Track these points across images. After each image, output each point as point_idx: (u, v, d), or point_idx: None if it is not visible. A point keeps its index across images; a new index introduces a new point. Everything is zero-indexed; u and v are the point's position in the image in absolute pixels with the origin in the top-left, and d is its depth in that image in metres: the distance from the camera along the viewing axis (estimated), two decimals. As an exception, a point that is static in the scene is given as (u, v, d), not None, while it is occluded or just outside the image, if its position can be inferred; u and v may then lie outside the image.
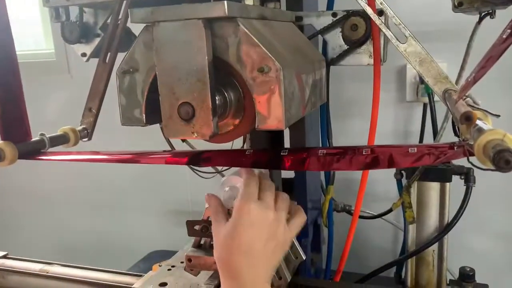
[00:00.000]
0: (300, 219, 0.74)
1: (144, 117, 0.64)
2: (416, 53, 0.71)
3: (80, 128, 0.95)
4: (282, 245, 0.70)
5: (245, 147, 0.93)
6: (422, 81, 1.37)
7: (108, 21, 0.98)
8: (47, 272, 1.01)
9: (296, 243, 0.81)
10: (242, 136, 0.94)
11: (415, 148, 0.60)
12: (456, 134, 0.78)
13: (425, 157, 0.58)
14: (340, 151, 0.62)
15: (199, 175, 1.05)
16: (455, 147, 0.59)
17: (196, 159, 0.70)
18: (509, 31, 0.46)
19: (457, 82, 0.85)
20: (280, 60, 0.57)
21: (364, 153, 0.61)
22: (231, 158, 0.68)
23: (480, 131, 0.51)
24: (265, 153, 0.67)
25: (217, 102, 0.60)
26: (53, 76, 1.93)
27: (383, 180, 1.41)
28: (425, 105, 1.38)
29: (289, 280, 0.76)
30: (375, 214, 1.31)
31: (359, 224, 1.32)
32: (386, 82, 1.42)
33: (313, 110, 0.73)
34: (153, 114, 0.65)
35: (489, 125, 0.53)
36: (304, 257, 0.81)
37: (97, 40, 1.05)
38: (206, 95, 0.57)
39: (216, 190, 0.77)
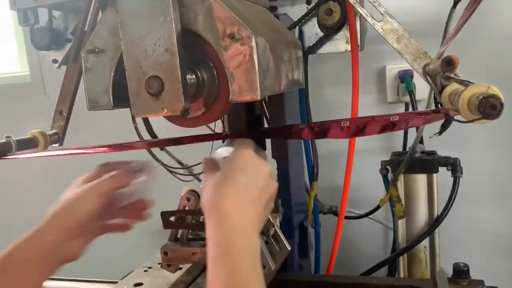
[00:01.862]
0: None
1: (111, 100, 0.61)
2: (393, 30, 0.69)
3: (50, 132, 0.91)
4: (271, 202, 0.65)
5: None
6: (402, 80, 1.36)
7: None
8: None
9: (281, 234, 0.77)
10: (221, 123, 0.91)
11: (397, 116, 0.58)
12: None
13: (407, 122, 0.56)
14: (322, 124, 0.59)
15: (178, 178, 1.01)
16: (437, 112, 0.57)
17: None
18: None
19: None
20: (252, 28, 0.55)
21: (343, 125, 0.59)
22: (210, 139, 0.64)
23: (464, 90, 0.49)
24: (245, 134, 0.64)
25: (189, 80, 0.57)
26: (28, 98, 1.89)
27: (369, 180, 1.38)
28: (407, 105, 1.37)
29: (273, 269, 0.71)
30: (362, 213, 1.28)
31: (347, 226, 1.30)
32: (366, 84, 1.41)
33: (290, 89, 0.70)
34: (122, 98, 0.61)
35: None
36: (289, 248, 0.77)
37: (68, 46, 1.02)
38: (175, 67, 0.54)
39: None
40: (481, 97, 0.44)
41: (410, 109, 1.33)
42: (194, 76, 0.59)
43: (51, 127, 0.92)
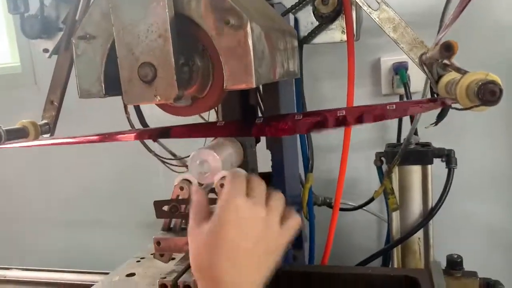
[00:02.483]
0: (294, 220, 0.62)
1: (103, 88, 0.60)
2: (390, 19, 0.68)
3: (41, 122, 0.90)
4: (275, 251, 0.59)
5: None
6: (396, 72, 1.35)
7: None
8: (4, 277, 0.94)
9: None
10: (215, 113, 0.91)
11: (394, 105, 0.57)
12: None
13: (404, 111, 0.55)
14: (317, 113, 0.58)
15: (171, 169, 1.00)
16: (434, 101, 0.56)
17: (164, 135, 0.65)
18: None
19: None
20: (248, 14, 0.54)
21: (338, 114, 0.58)
22: (202, 129, 0.63)
23: (462, 77, 0.49)
24: (237, 123, 0.62)
25: (182, 67, 0.56)
26: (19, 89, 1.87)
27: (363, 172, 1.38)
28: (401, 97, 1.36)
29: None
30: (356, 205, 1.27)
31: (342, 218, 1.29)
32: (361, 76, 1.40)
33: (285, 78, 0.69)
34: (114, 86, 0.60)
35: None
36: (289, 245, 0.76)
37: (59, 35, 0.99)
38: (168, 53, 0.53)
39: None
40: (480, 83, 0.43)
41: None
42: (188, 63, 0.58)
43: (42, 117, 0.90)
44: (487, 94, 0.42)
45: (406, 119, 1.32)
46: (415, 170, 1.07)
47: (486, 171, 1.35)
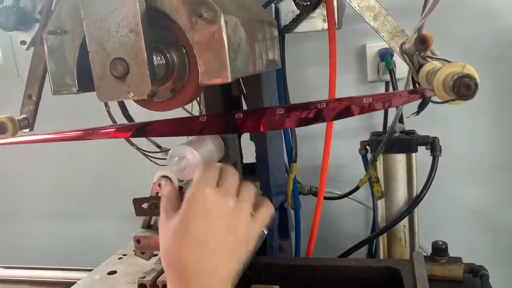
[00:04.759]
0: (267, 210, 0.61)
1: (76, 83, 0.58)
2: (370, 7, 0.67)
3: (20, 117, 0.88)
4: (245, 242, 0.57)
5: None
6: (382, 58, 1.34)
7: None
8: (-13, 276, 0.93)
9: None
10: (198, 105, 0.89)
11: (370, 98, 0.56)
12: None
13: (383, 103, 0.54)
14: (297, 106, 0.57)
15: (154, 162, 0.99)
16: (414, 93, 0.55)
17: (141, 131, 0.63)
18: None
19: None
20: (222, 6, 0.52)
21: (320, 107, 0.57)
22: (180, 125, 0.61)
23: (438, 70, 0.48)
24: (219, 118, 0.61)
25: (156, 62, 0.55)
26: (1, 81, 1.83)
27: (349, 160, 1.38)
28: (387, 84, 1.35)
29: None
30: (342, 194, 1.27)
31: (328, 207, 1.29)
32: (347, 63, 1.40)
33: (265, 70, 0.68)
34: (87, 81, 0.58)
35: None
36: (266, 232, 0.75)
37: (36, 26, 0.97)
38: (140, 48, 0.52)
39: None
40: (456, 77, 0.42)
41: (391, 88, 1.32)
42: (162, 58, 0.56)
43: (20, 112, 0.88)
44: (462, 88, 0.41)
45: (391, 115, 1.31)
46: (400, 159, 1.07)
47: (471, 157, 1.36)
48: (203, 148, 0.71)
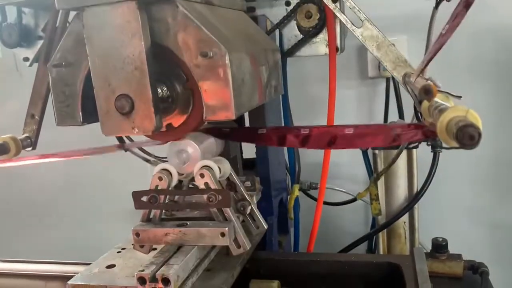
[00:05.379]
0: None
1: (80, 116, 0.58)
2: (373, 37, 0.67)
3: (22, 136, 0.87)
4: None
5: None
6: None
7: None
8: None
9: (258, 213, 0.76)
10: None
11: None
12: (418, 120, 0.75)
13: (380, 137, 0.55)
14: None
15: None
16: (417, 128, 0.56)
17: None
18: (447, 26, 0.48)
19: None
20: (226, 44, 0.52)
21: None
22: None
23: (442, 110, 0.48)
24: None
25: (161, 94, 0.55)
26: (1, 75, 1.82)
27: (348, 157, 1.38)
28: (388, 80, 1.34)
29: (248, 248, 0.69)
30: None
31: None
32: (347, 59, 1.37)
33: (269, 100, 0.68)
34: (91, 113, 0.59)
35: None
36: (265, 227, 0.76)
37: (39, 43, 0.97)
38: (145, 85, 0.52)
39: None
40: (460, 124, 0.42)
41: (391, 84, 1.31)
42: (167, 89, 0.56)
43: (23, 131, 0.87)
44: (466, 138, 0.41)
45: (392, 102, 1.32)
46: (401, 155, 1.07)
47: (471, 153, 1.35)
48: (204, 142, 0.70)
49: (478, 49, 1.27)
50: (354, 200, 1.22)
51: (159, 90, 0.55)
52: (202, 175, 0.67)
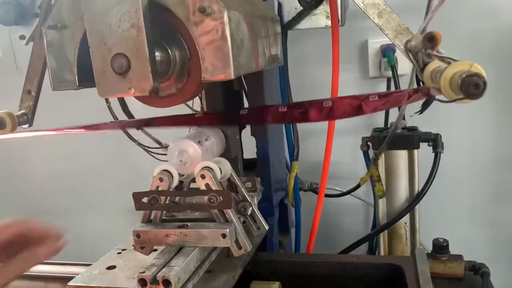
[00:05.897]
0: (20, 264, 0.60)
1: (76, 79, 0.57)
2: (374, 4, 0.66)
3: (18, 113, 0.87)
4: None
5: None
6: (384, 54, 1.33)
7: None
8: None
9: (258, 214, 0.75)
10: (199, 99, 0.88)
11: (376, 96, 0.55)
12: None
13: (387, 102, 0.53)
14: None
15: (155, 158, 0.98)
16: (418, 91, 0.54)
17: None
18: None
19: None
20: (225, 1, 0.51)
21: (325, 105, 0.56)
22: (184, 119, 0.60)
23: (445, 68, 0.47)
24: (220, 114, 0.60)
25: (158, 57, 0.54)
26: (0, 74, 1.82)
27: (349, 157, 1.37)
28: (388, 80, 1.34)
29: (249, 249, 0.69)
30: (344, 191, 1.27)
31: (329, 203, 1.28)
32: (348, 59, 1.38)
33: (268, 67, 0.67)
34: (87, 77, 0.57)
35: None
36: (266, 227, 0.76)
37: (36, 21, 0.95)
38: (142, 44, 0.51)
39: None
40: (464, 75, 0.41)
41: (392, 84, 1.31)
42: (164, 54, 0.55)
43: (19, 107, 0.87)
44: (470, 87, 0.40)
45: (393, 113, 1.30)
46: (402, 155, 1.06)
47: (473, 154, 1.35)
48: (205, 143, 0.70)
49: (479, 29, 1.26)
50: (357, 187, 1.21)
51: (156, 53, 0.53)
52: (203, 176, 0.67)
